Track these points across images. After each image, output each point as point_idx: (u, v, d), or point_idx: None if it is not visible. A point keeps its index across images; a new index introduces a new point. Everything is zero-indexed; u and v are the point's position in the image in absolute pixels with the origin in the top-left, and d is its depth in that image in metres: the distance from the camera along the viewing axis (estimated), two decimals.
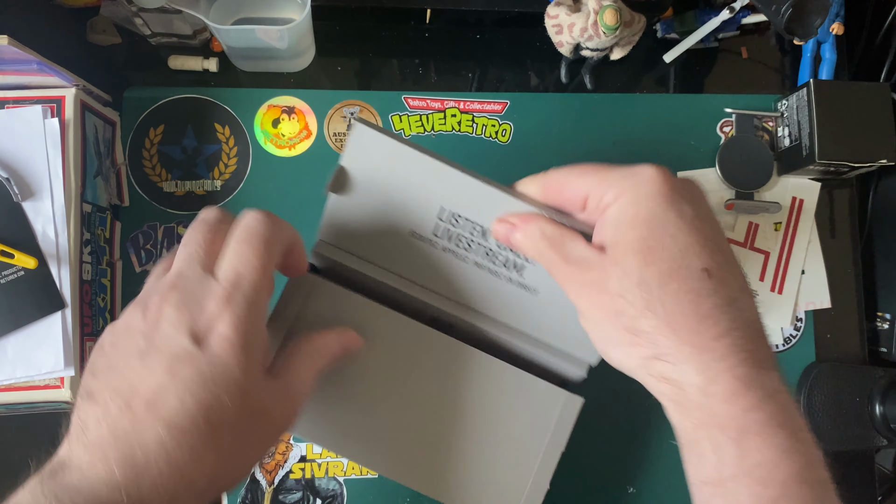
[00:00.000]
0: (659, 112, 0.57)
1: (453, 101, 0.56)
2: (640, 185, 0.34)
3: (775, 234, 0.56)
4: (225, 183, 0.54)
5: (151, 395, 0.31)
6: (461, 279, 0.44)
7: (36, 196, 0.46)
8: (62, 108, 0.47)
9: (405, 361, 0.43)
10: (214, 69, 0.55)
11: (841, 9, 0.56)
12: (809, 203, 0.56)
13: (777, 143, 0.56)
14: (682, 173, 0.56)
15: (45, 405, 0.47)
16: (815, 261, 0.56)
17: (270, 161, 0.54)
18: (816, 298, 0.56)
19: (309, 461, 0.52)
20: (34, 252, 0.45)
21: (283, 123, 0.54)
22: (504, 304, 0.44)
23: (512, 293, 0.43)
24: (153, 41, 0.55)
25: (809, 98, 0.52)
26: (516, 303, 0.44)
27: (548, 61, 0.57)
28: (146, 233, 0.53)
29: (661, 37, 0.58)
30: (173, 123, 0.54)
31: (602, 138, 0.56)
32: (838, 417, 0.53)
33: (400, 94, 0.56)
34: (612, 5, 0.48)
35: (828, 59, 0.56)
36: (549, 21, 0.53)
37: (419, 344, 0.43)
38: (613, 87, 0.57)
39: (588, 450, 0.53)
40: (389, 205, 0.43)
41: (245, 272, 0.34)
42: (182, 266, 0.35)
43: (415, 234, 0.43)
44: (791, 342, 0.55)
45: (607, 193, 0.35)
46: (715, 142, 0.56)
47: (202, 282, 0.34)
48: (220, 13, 0.53)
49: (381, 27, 0.57)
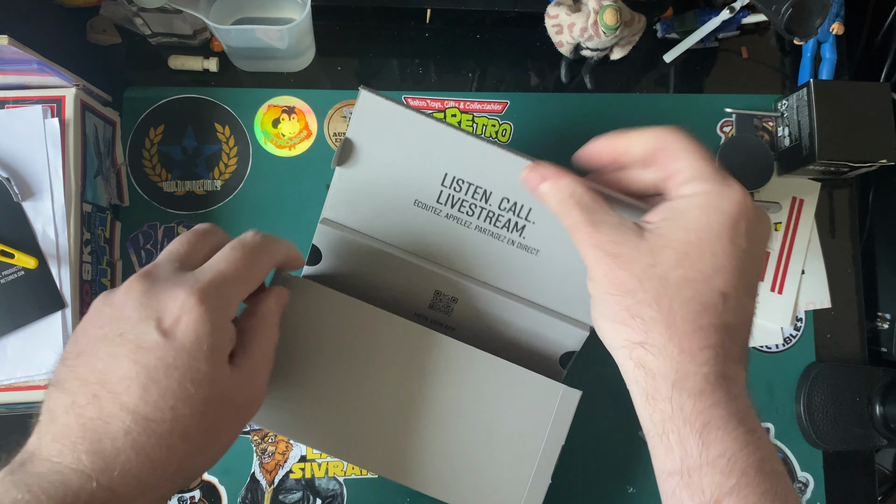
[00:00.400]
0: (659, 112, 0.57)
1: (453, 101, 0.56)
2: (721, 199, 0.35)
3: (775, 233, 0.56)
4: (225, 183, 0.54)
5: (117, 384, 0.32)
6: (464, 247, 0.44)
7: (36, 196, 0.46)
8: (62, 108, 0.47)
9: (400, 361, 0.43)
10: (214, 69, 0.55)
11: (841, 9, 0.56)
12: (809, 203, 0.56)
13: (777, 143, 0.56)
14: None
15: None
16: (815, 261, 0.56)
17: (270, 161, 0.54)
18: (816, 298, 0.56)
19: (309, 461, 0.52)
20: (34, 252, 0.45)
21: (283, 123, 0.54)
22: (505, 270, 0.45)
23: (513, 256, 0.44)
24: (153, 41, 0.55)
25: (809, 98, 0.52)
26: (518, 266, 0.44)
27: (548, 61, 0.57)
28: (146, 233, 0.53)
29: (661, 37, 0.58)
30: (173, 123, 0.54)
31: None
32: (838, 417, 0.53)
33: (400, 94, 0.56)
34: (612, 5, 0.48)
35: (828, 59, 0.56)
36: (549, 21, 0.53)
37: (413, 343, 0.43)
38: (613, 87, 0.57)
39: (588, 450, 0.53)
40: (394, 174, 0.44)
41: (226, 271, 0.35)
42: (160, 259, 0.36)
43: (419, 203, 0.44)
44: (791, 342, 0.55)
45: (693, 184, 0.36)
46: (715, 142, 0.56)
47: (177, 274, 0.34)
48: (220, 13, 0.53)
49: (381, 27, 0.57)
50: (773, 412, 0.54)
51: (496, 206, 0.43)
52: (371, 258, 0.44)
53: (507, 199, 0.43)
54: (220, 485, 0.51)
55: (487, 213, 0.43)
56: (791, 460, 0.54)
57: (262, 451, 0.51)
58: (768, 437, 0.34)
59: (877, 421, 0.52)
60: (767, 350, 0.55)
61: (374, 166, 0.43)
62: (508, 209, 0.43)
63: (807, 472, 0.54)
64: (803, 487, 0.54)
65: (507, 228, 0.43)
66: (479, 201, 0.43)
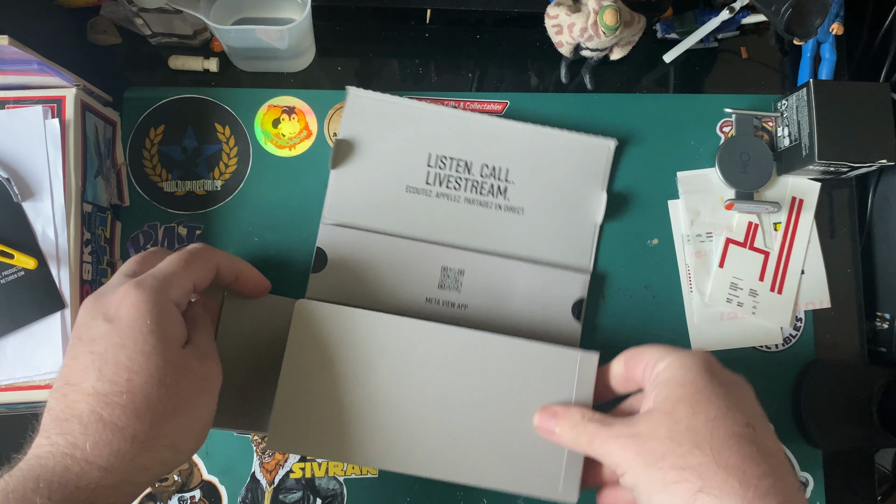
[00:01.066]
0: (659, 112, 0.57)
1: (453, 101, 0.56)
2: (687, 356, 0.40)
3: (775, 233, 0.56)
4: (225, 183, 0.54)
5: (77, 378, 0.36)
6: (458, 220, 0.48)
7: (36, 196, 0.46)
8: (62, 109, 0.47)
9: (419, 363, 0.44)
10: (215, 69, 0.55)
11: (841, 9, 0.56)
12: (809, 203, 0.56)
13: (777, 143, 0.56)
14: (683, 173, 0.56)
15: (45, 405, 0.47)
16: (814, 261, 0.56)
17: (270, 161, 0.54)
18: (816, 298, 0.56)
19: (309, 460, 0.52)
20: (34, 252, 0.45)
21: (283, 123, 0.54)
22: (499, 233, 0.49)
23: (503, 220, 0.48)
24: (153, 41, 0.55)
25: (809, 98, 0.52)
26: (509, 228, 0.49)
27: (548, 61, 0.57)
28: (146, 233, 0.53)
29: (661, 37, 0.58)
30: (173, 123, 0.54)
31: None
32: (838, 417, 0.53)
33: (400, 95, 0.56)
34: (612, 5, 0.48)
35: (827, 59, 0.56)
36: (549, 21, 0.53)
37: (428, 342, 0.44)
38: (613, 87, 0.57)
39: None
40: (385, 165, 0.48)
41: (164, 267, 0.40)
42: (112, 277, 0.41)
43: (410, 188, 0.47)
44: (791, 342, 0.55)
45: (660, 362, 0.40)
46: (715, 142, 0.57)
47: (121, 281, 0.39)
48: (221, 13, 0.53)
49: (381, 27, 0.57)
50: (772, 412, 0.54)
51: (478, 174, 0.47)
52: (376, 250, 0.46)
53: (485, 164, 0.47)
54: (220, 484, 0.51)
55: (472, 184, 0.47)
56: (791, 460, 0.54)
57: (262, 451, 0.51)
58: None
59: (876, 421, 0.52)
60: (767, 350, 0.55)
61: (366, 162, 0.45)
62: (489, 174, 0.47)
63: (806, 471, 0.54)
64: (803, 487, 0.54)
65: (492, 194, 0.47)
66: (462, 173, 0.47)
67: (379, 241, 0.46)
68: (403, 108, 0.47)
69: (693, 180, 0.56)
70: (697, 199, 0.55)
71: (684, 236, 0.55)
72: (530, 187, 0.48)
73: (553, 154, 0.52)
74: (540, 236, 0.48)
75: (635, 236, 0.55)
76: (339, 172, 0.45)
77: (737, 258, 0.55)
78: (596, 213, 0.52)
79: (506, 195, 0.47)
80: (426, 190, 0.47)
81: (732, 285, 0.55)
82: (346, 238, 0.46)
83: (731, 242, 0.55)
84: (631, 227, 0.55)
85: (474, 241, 0.48)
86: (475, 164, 0.47)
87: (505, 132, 0.52)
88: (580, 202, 0.51)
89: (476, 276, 0.46)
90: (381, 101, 0.46)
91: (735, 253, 0.55)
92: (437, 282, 0.47)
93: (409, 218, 0.47)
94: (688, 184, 0.56)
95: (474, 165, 0.47)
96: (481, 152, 0.47)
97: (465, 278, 0.47)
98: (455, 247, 0.47)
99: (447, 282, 0.47)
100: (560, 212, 0.45)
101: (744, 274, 0.55)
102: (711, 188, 0.55)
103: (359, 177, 0.46)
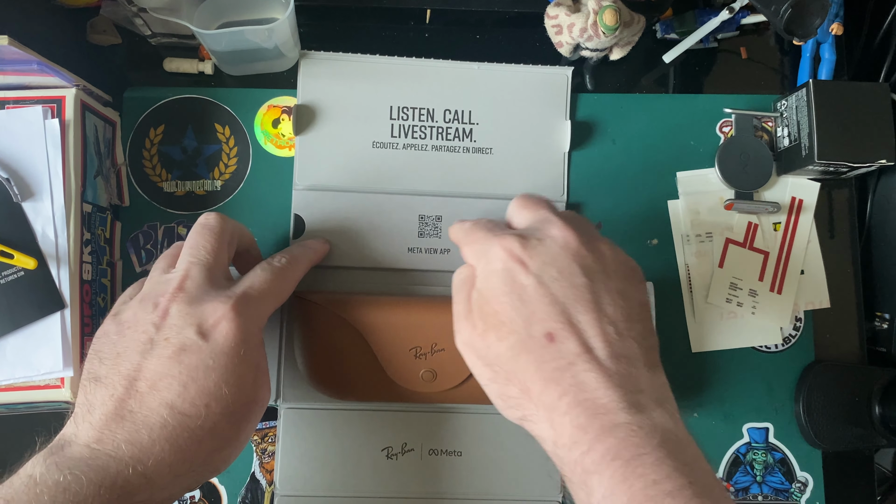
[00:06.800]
0: (658, 112, 0.57)
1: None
2: (489, 263, 0.38)
3: (774, 234, 0.56)
4: (225, 183, 0.54)
5: (157, 380, 0.34)
6: (429, 168, 0.49)
7: (36, 196, 0.46)
8: (62, 109, 0.47)
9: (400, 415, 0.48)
10: (210, 72, 0.55)
11: (840, 9, 0.56)
12: (809, 203, 0.56)
13: (776, 143, 0.56)
14: (682, 174, 0.56)
15: (45, 405, 0.47)
16: (814, 261, 0.56)
17: (270, 161, 0.54)
18: (816, 298, 0.56)
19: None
20: (34, 252, 0.45)
21: (283, 123, 0.54)
22: (470, 176, 0.50)
23: (472, 161, 0.49)
24: (153, 41, 0.55)
25: (809, 98, 0.52)
26: (480, 169, 0.50)
27: (548, 61, 0.57)
28: (146, 233, 0.53)
29: (661, 37, 0.58)
30: (173, 123, 0.54)
31: (602, 138, 0.56)
32: (837, 417, 0.53)
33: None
34: (612, 5, 0.48)
35: (827, 59, 0.56)
36: (548, 21, 0.53)
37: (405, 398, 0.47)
38: (613, 87, 0.57)
39: None
40: (348, 124, 0.48)
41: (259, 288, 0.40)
42: (189, 268, 0.39)
43: (376, 143, 0.48)
44: (790, 342, 0.55)
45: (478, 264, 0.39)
46: (714, 142, 0.57)
47: (212, 286, 0.38)
48: (203, 20, 0.52)
49: (381, 27, 0.57)
50: (772, 412, 0.54)
51: (441, 119, 0.49)
52: (352, 209, 0.48)
53: (448, 109, 0.48)
54: (220, 484, 0.51)
55: (437, 130, 0.48)
56: (790, 460, 0.54)
57: (262, 451, 0.51)
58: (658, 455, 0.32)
59: (876, 421, 0.52)
60: (767, 350, 0.55)
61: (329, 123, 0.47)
62: (453, 118, 0.48)
63: (806, 471, 0.54)
64: (802, 487, 0.54)
65: (458, 138, 0.48)
66: (426, 122, 0.48)
67: (353, 199, 0.48)
68: (358, 65, 0.48)
69: (693, 180, 0.56)
70: (697, 199, 0.55)
71: (684, 236, 0.55)
72: (495, 126, 0.49)
73: (512, 90, 0.53)
74: (511, 173, 0.49)
75: (635, 236, 0.55)
76: (304, 138, 0.47)
77: (736, 258, 0.55)
78: (562, 142, 0.53)
79: (472, 137, 0.49)
80: (392, 143, 0.48)
81: (732, 285, 0.55)
82: (320, 201, 0.48)
83: (731, 242, 0.55)
84: (631, 227, 0.55)
85: (447, 186, 0.49)
86: (437, 111, 0.48)
87: (461, 74, 0.52)
88: (545, 134, 0.52)
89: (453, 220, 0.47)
90: (335, 59, 0.47)
91: (735, 253, 0.55)
92: (416, 231, 0.48)
93: (380, 173, 0.48)
94: (687, 184, 0.56)
95: (437, 112, 0.48)
96: (442, 97, 0.48)
97: (444, 224, 0.48)
98: (429, 195, 0.48)
99: (426, 229, 0.48)
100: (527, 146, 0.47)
101: (743, 274, 0.55)
102: (711, 188, 0.55)
103: (324, 139, 0.48)
